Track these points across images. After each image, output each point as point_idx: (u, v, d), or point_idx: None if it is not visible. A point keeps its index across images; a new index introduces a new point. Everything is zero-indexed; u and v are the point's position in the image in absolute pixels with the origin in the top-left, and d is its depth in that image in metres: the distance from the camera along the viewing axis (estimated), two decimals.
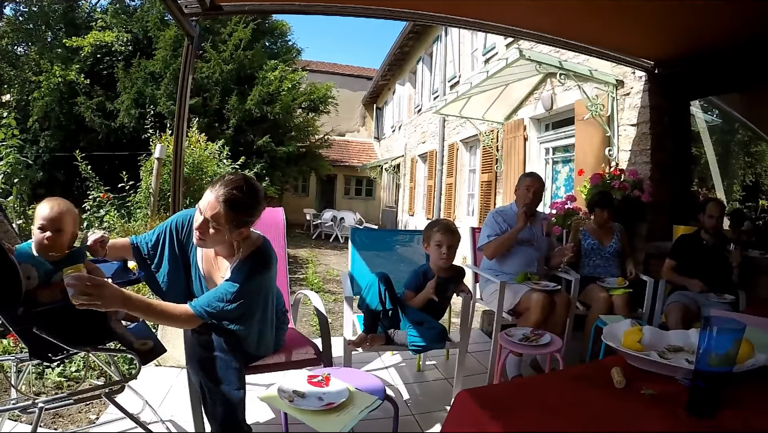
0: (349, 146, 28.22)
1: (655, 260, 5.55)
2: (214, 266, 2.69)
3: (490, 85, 8.16)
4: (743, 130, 9.73)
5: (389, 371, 4.45)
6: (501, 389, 1.49)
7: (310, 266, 11.85)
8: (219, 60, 14.89)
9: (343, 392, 2.25)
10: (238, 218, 2.38)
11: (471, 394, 1.44)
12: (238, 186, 2.37)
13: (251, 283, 2.47)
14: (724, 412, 1.37)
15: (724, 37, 4.82)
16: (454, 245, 3.49)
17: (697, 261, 4.50)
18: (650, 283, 4.74)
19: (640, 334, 1.81)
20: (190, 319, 2.38)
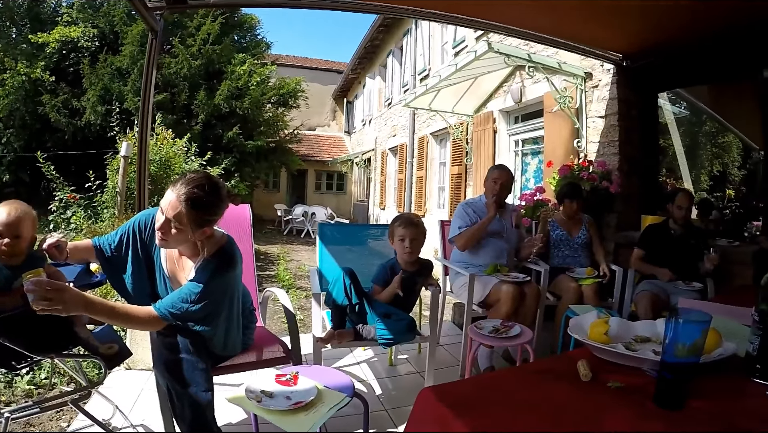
0: (319, 141, 28.02)
1: (625, 249, 5.61)
2: (178, 266, 2.63)
3: (459, 78, 8.14)
4: (710, 122, 9.86)
5: (361, 366, 4.42)
6: (464, 386, 1.46)
7: (281, 262, 11.75)
8: (187, 55, 14.67)
9: (312, 391, 2.22)
10: (201, 217, 2.34)
11: (433, 392, 1.40)
12: (199, 184, 2.33)
13: (216, 283, 2.43)
14: (692, 403, 1.36)
15: (692, 31, 4.85)
16: (417, 238, 3.49)
17: (665, 250, 4.54)
18: (619, 272, 4.79)
19: (606, 326, 1.79)
20: (154, 321, 2.34)
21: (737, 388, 1.51)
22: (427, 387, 1.43)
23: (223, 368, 2.73)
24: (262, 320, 3.59)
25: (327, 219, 19.29)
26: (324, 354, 3.75)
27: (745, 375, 1.58)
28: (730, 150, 10.95)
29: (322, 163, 26.55)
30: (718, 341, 1.65)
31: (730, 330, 1.98)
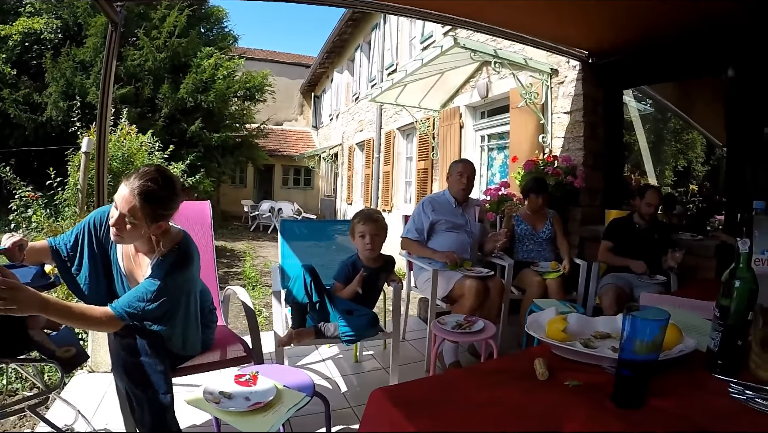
0: (286, 135, 27.80)
1: (590, 243, 5.68)
2: (135, 264, 2.57)
3: (425, 73, 8.11)
4: (675, 119, 10.03)
5: (326, 363, 4.37)
6: (416, 386, 1.40)
7: (247, 259, 11.68)
8: (152, 47, 14.38)
9: (271, 391, 2.17)
10: (155, 211, 2.29)
11: (385, 393, 1.34)
12: (152, 178, 2.28)
13: (172, 280, 2.38)
14: (652, 401, 1.32)
15: (657, 29, 4.90)
16: (378, 234, 3.45)
17: (630, 244, 4.57)
18: (584, 266, 4.84)
19: (564, 323, 1.74)
20: (111, 321, 2.26)
21: (699, 384, 1.47)
22: (379, 388, 1.37)
23: (184, 369, 2.65)
24: (224, 319, 3.52)
25: (294, 215, 19.19)
26: (288, 352, 3.73)
27: (707, 371, 1.55)
28: (694, 146, 11.18)
29: (289, 158, 26.39)
30: (679, 338, 1.62)
31: (693, 325, 1.96)
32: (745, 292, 1.47)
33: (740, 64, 4.97)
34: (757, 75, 4.93)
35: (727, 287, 1.50)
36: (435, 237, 4.59)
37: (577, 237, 5.93)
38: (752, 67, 4.90)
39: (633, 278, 4.41)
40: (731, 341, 1.50)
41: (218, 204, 21.51)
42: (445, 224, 4.55)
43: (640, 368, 1.28)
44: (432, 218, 4.55)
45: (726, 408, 1.33)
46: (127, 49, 14.24)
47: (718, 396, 1.39)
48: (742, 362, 1.55)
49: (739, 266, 1.51)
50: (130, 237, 2.35)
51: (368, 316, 3.27)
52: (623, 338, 1.30)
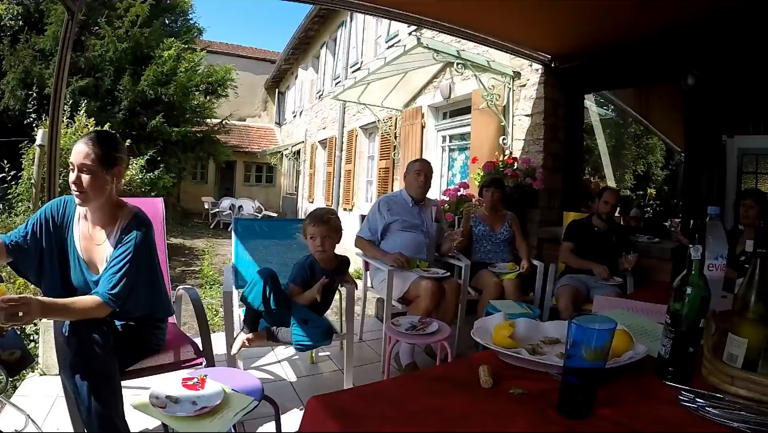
0: (249, 131, 27.58)
1: (548, 244, 5.78)
2: (93, 243, 2.56)
3: (388, 72, 8.09)
4: (636, 125, 10.21)
5: (282, 364, 4.30)
6: (353, 395, 1.34)
7: (206, 257, 11.49)
8: (113, 37, 14.01)
9: (218, 395, 2.10)
10: (108, 153, 2.40)
11: (320, 402, 1.27)
12: (99, 130, 2.65)
13: (141, 244, 2.48)
14: (599, 411, 1.27)
15: (619, 36, 4.99)
16: (329, 236, 3.36)
17: (588, 246, 4.62)
18: (541, 267, 4.88)
19: (511, 329, 1.68)
20: (102, 307, 2.34)
21: (649, 392, 1.42)
22: (315, 396, 1.29)
23: (133, 372, 2.59)
24: (177, 320, 3.43)
25: (255, 212, 19.02)
26: (243, 353, 3.67)
27: (658, 378, 1.51)
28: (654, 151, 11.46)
29: (251, 155, 26.19)
30: (629, 344, 1.58)
31: (645, 329, 1.95)
32: (697, 299, 1.44)
33: (699, 73, 5.04)
34: (716, 83, 5.04)
35: (679, 293, 1.47)
36: (391, 237, 4.55)
37: (535, 238, 6.01)
38: (711, 75, 5.00)
39: (590, 280, 4.46)
40: (682, 348, 1.47)
41: (178, 201, 21.23)
42: (401, 223, 4.52)
43: (585, 377, 1.23)
44: (387, 218, 4.52)
45: (675, 417, 1.28)
46: (88, 38, 13.88)
47: (668, 404, 1.34)
48: (694, 369, 1.51)
49: (691, 272, 1.47)
50: (93, 192, 2.39)
51: (323, 327, 3.20)
52: (567, 345, 1.25)
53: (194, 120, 16.66)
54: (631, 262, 4.38)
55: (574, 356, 1.23)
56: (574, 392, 1.25)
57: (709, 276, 1.77)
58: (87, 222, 2.56)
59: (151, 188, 10.71)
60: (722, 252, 1.82)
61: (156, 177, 11.02)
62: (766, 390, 1.33)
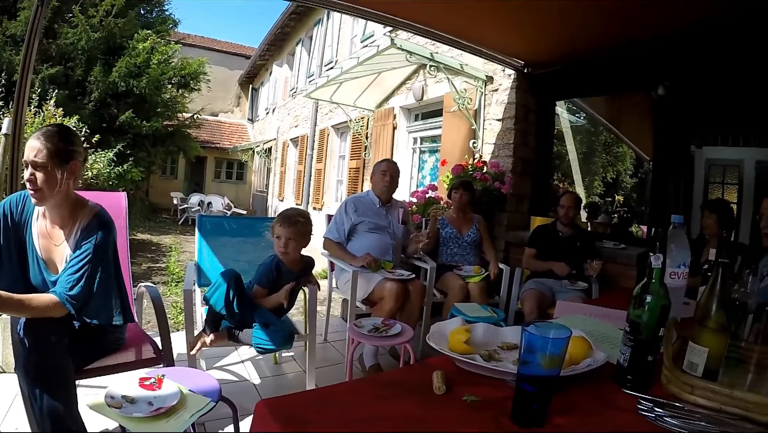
0: (221, 127, 27.29)
1: (515, 248, 5.79)
2: (51, 242, 2.49)
3: (362, 72, 8.08)
4: (607, 133, 10.36)
5: (245, 364, 4.23)
6: (302, 399, 1.29)
7: (173, 254, 11.36)
8: (86, 26, 13.60)
9: (175, 396, 2.07)
10: (63, 148, 2.34)
11: (268, 406, 1.22)
12: (52, 125, 2.43)
13: (100, 243, 2.44)
14: (554, 420, 1.24)
15: (591, 45, 5.03)
16: (295, 239, 3.33)
17: (553, 251, 4.64)
18: (506, 271, 4.89)
19: (467, 334, 1.65)
20: (58, 306, 2.28)
21: (607, 400, 1.40)
22: (262, 400, 1.25)
23: (91, 371, 2.52)
24: (138, 318, 3.35)
25: (224, 209, 18.85)
26: (206, 352, 3.66)
27: (617, 385, 1.49)
28: (623, 159, 11.66)
29: (222, 151, 25.89)
30: (588, 351, 1.57)
31: (607, 335, 1.94)
32: (657, 307, 1.42)
33: (670, 84, 5.12)
34: (685, 95, 5.12)
35: (639, 301, 1.45)
36: (357, 238, 4.54)
37: (502, 242, 6.04)
38: (681, 87, 5.08)
39: (555, 284, 4.48)
40: (641, 356, 1.45)
41: (147, 195, 20.94)
42: (367, 224, 4.51)
43: (540, 384, 1.19)
44: (354, 219, 4.51)
45: (632, 426, 1.26)
46: (61, 26, 13.56)
47: (626, 413, 1.32)
48: (654, 377, 1.50)
49: (651, 281, 1.46)
50: (48, 189, 2.32)
51: (284, 332, 3.18)
52: (520, 352, 1.22)
53: (165, 114, 16.29)
54: (595, 268, 4.40)
55: (528, 363, 1.20)
56: (528, 400, 1.21)
57: (672, 284, 1.78)
58: (45, 220, 2.49)
59: (118, 182, 10.55)
60: (685, 260, 1.81)
61: (124, 171, 10.84)
62: (725, 400, 1.33)
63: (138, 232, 13.83)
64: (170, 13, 17.73)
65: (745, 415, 1.30)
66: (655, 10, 4.02)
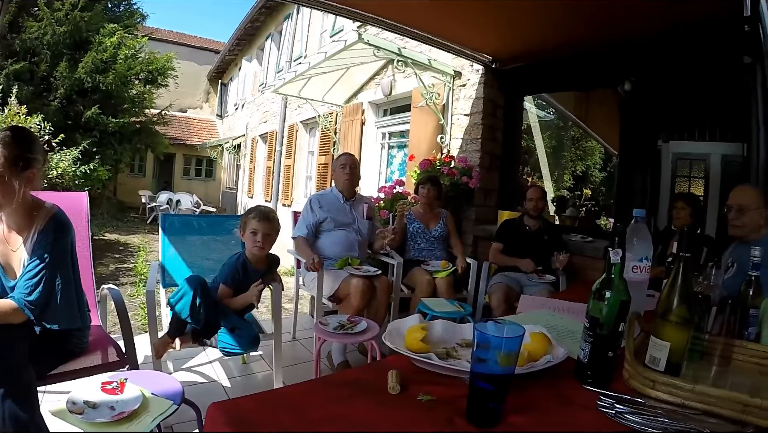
0: (190, 123, 26.90)
1: (483, 242, 5.83)
2: (9, 247, 2.43)
3: (330, 67, 8.02)
4: (576, 128, 10.49)
5: (213, 365, 4.18)
6: (254, 401, 1.24)
7: (141, 253, 11.16)
8: (52, 19, 13.32)
9: (137, 399, 2.04)
10: (20, 154, 2.23)
11: (218, 408, 1.18)
12: (8, 128, 2.31)
13: (57, 248, 2.38)
14: (509, 418, 1.20)
15: (559, 41, 5.07)
16: (270, 234, 3.31)
17: (520, 245, 4.67)
18: (474, 265, 4.92)
19: (423, 332, 1.60)
20: (17, 312, 2.24)
21: (567, 397, 1.37)
22: (214, 403, 1.20)
23: (53, 376, 2.46)
24: (102, 321, 3.27)
25: (193, 207, 18.63)
26: (174, 354, 3.70)
27: (578, 382, 1.47)
28: (593, 154, 11.85)
29: (191, 148, 25.59)
30: (547, 347, 1.54)
31: (570, 330, 1.94)
32: (617, 303, 1.40)
33: (636, 80, 5.18)
34: (652, 90, 5.20)
35: (598, 297, 1.43)
36: (323, 235, 4.53)
37: (471, 236, 6.07)
38: (647, 82, 5.14)
39: (522, 278, 4.51)
40: (601, 352, 1.43)
41: (114, 194, 20.64)
42: (332, 221, 4.49)
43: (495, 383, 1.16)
44: (320, 215, 4.49)
45: (591, 425, 1.23)
46: (26, 20, 13.28)
47: (586, 411, 1.29)
48: (615, 373, 1.48)
49: (610, 276, 1.44)
50: (4, 200, 2.24)
51: (249, 336, 3.15)
52: (473, 350, 1.19)
53: (132, 110, 16.03)
54: (562, 261, 4.45)
55: (481, 361, 1.16)
56: (482, 398, 1.17)
57: (634, 278, 1.78)
58: (2, 224, 2.42)
59: (85, 181, 10.36)
60: (647, 254, 1.80)
61: (90, 169, 10.64)
62: (688, 395, 1.31)
63: (106, 232, 13.59)
64: (138, 7, 17.37)
65: (708, 410, 1.29)
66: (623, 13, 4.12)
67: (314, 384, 1.42)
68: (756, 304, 1.88)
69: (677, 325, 1.43)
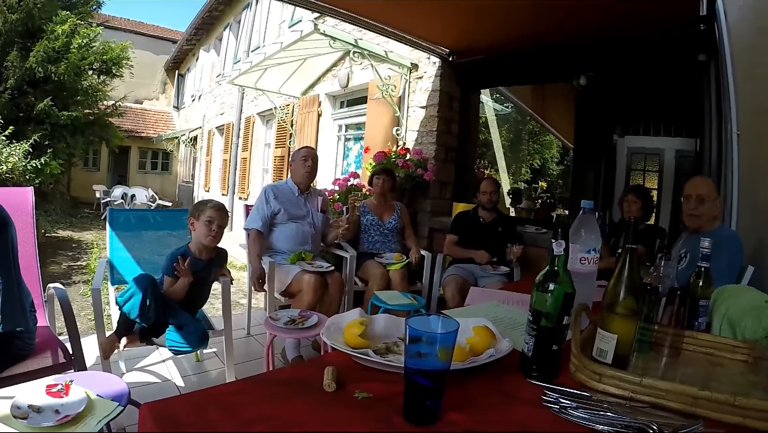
0: (146, 115, 26.31)
1: (439, 234, 5.91)
2: None
3: (286, 58, 7.94)
4: (534, 122, 10.64)
5: (167, 364, 4.11)
6: (186, 401, 1.18)
7: (94, 250, 10.85)
8: (3, 6, 12.87)
9: (82, 402, 2.00)
10: None
11: (149, 409, 1.12)
12: None
13: None
14: (449, 416, 1.16)
15: (516, 35, 5.17)
16: (223, 226, 3.33)
17: (474, 236, 4.72)
18: (428, 257, 4.93)
19: (362, 327, 1.55)
20: None
21: (511, 393, 1.33)
22: (146, 404, 1.14)
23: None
24: (49, 321, 3.17)
25: (148, 201, 18.29)
26: (126, 354, 3.64)
27: (523, 376, 1.43)
28: (550, 147, 12.13)
29: (146, 140, 25.00)
30: (490, 341, 1.50)
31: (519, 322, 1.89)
32: (561, 295, 1.37)
33: (593, 75, 5.27)
34: (608, 86, 5.34)
35: (542, 289, 1.40)
36: (277, 228, 4.47)
37: (426, 228, 6.13)
38: (603, 78, 5.25)
39: (476, 269, 4.57)
40: (545, 345, 1.40)
41: (68, 190, 20.15)
42: (286, 214, 4.44)
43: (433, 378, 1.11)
44: (274, 207, 4.43)
45: (534, 421, 1.19)
46: None
47: (529, 406, 1.25)
48: (560, 367, 1.45)
49: (554, 268, 1.40)
50: None
51: (197, 333, 3.14)
52: (405, 345, 1.13)
53: (86, 102, 15.59)
54: (516, 253, 4.51)
55: (416, 356, 1.11)
56: (418, 395, 1.12)
57: (582, 269, 1.76)
58: None
59: (36, 176, 10.09)
60: (595, 245, 1.78)
61: (42, 164, 10.36)
62: (636, 387, 1.30)
63: (59, 228, 13.17)
64: None
65: (657, 403, 1.27)
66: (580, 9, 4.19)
67: (248, 382, 1.36)
68: (706, 295, 1.91)
69: (624, 317, 1.41)
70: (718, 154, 3.89)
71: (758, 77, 3.24)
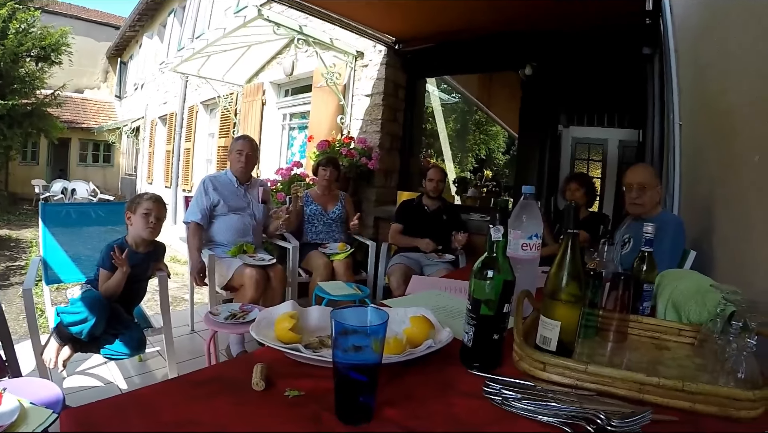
0: (86, 105, 25.41)
1: (384, 222, 5.93)
2: None
3: (230, 45, 7.75)
4: (481, 113, 10.76)
5: (109, 366, 3.97)
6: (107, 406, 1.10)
7: (33, 249, 10.44)
8: None
9: (15, 411, 1.92)
10: None
11: (69, 416, 1.05)
12: None
13: None
14: (384, 412, 1.10)
15: (461, 24, 5.19)
16: (161, 219, 3.26)
17: (419, 225, 4.75)
18: (372, 246, 4.95)
19: (293, 321, 1.48)
20: None
21: (451, 385, 1.28)
22: (67, 410, 1.08)
23: None
24: None
25: (90, 196, 17.85)
26: None
27: (464, 367, 1.39)
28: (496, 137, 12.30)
29: (87, 132, 24.16)
30: (428, 331, 1.45)
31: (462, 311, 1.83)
32: (500, 283, 1.33)
33: (538, 65, 5.35)
34: (553, 77, 5.40)
35: (480, 276, 1.35)
36: (217, 220, 4.38)
37: (372, 217, 6.16)
38: (548, 68, 5.33)
39: (422, 257, 4.60)
40: (486, 335, 1.36)
41: (6, 186, 19.46)
42: (225, 205, 4.36)
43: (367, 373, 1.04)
44: (213, 198, 4.34)
45: (474, 415, 1.13)
46: None
47: (470, 399, 1.20)
48: (502, 356, 1.42)
49: (492, 255, 1.36)
50: None
51: (135, 340, 3.07)
52: (332, 339, 1.06)
53: (23, 90, 15.07)
54: (460, 241, 4.54)
55: (349, 350, 1.04)
56: (351, 391, 1.06)
57: (525, 255, 1.75)
58: None
59: None
60: (537, 231, 1.76)
61: None
62: (581, 375, 1.28)
63: None
64: None
65: (604, 390, 1.26)
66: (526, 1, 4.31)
67: (172, 383, 1.28)
68: (650, 279, 1.95)
69: (567, 303, 1.39)
70: (660, 144, 3.98)
71: (702, 70, 3.27)
